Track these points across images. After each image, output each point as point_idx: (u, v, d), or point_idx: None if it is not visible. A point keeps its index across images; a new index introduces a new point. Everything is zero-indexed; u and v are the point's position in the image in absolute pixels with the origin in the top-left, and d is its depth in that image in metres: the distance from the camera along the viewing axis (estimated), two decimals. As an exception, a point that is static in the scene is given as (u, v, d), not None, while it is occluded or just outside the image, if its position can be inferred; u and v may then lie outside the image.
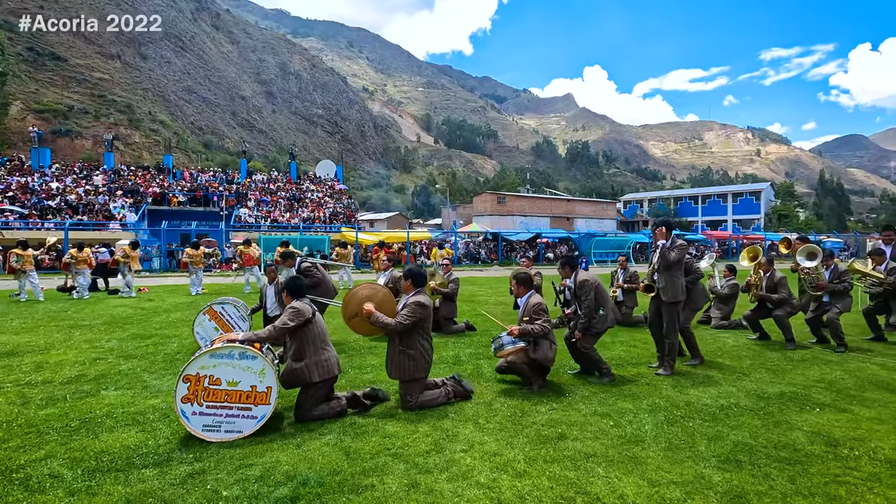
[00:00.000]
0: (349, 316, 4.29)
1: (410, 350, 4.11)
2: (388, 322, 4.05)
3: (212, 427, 3.49)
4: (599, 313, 4.88)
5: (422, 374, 4.15)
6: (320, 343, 3.95)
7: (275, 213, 32.55)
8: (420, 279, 4.34)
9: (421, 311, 4.12)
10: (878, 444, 3.36)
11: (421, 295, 4.23)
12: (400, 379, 4.15)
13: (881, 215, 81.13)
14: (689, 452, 3.25)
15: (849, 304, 6.47)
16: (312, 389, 3.85)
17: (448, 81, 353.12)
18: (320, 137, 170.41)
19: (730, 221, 64.90)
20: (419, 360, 4.12)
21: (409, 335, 4.13)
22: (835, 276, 6.51)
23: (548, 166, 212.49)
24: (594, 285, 4.89)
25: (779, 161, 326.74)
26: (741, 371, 5.32)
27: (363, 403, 4.09)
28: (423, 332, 4.19)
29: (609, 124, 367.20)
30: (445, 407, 4.16)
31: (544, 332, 4.49)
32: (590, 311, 4.85)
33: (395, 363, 4.16)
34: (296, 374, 3.85)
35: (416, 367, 4.11)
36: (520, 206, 48.86)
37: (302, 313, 3.86)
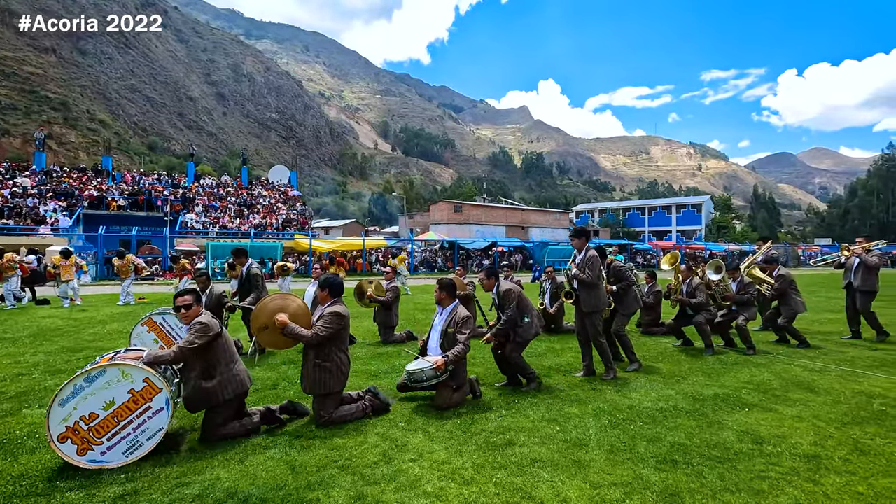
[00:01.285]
0: (259, 328, 4.04)
1: (326, 363, 3.93)
2: (304, 334, 3.84)
3: (133, 446, 3.26)
4: (524, 320, 4.89)
5: (338, 388, 3.98)
6: (230, 357, 3.73)
7: (224, 218, 31.37)
8: (337, 289, 4.17)
9: (338, 321, 3.94)
10: (798, 440, 3.62)
11: (338, 305, 4.06)
12: (315, 393, 3.95)
13: (807, 227, 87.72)
14: (630, 454, 3.38)
15: (753, 313, 7.01)
16: (223, 407, 3.62)
17: (406, 89, 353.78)
18: (274, 142, 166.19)
19: (674, 232, 68.33)
20: (335, 373, 3.95)
21: (325, 347, 3.93)
22: (740, 287, 7.02)
23: (504, 176, 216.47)
24: (517, 295, 4.90)
25: (717, 175, 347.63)
26: (680, 374, 5.59)
27: (278, 419, 3.90)
28: (340, 345, 4.03)
29: (562, 136, 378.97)
30: (394, 417, 4.13)
31: (465, 354, 4.38)
32: (511, 320, 4.84)
33: (309, 377, 3.96)
34: (207, 393, 3.58)
35: (332, 381, 3.93)
36: (476, 215, 49.43)
37: (210, 328, 3.60)
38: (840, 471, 3.12)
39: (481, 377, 5.28)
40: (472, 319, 4.51)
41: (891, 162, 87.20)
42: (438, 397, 4.39)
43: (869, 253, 7.63)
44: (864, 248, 7.73)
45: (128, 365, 3.31)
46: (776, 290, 7.27)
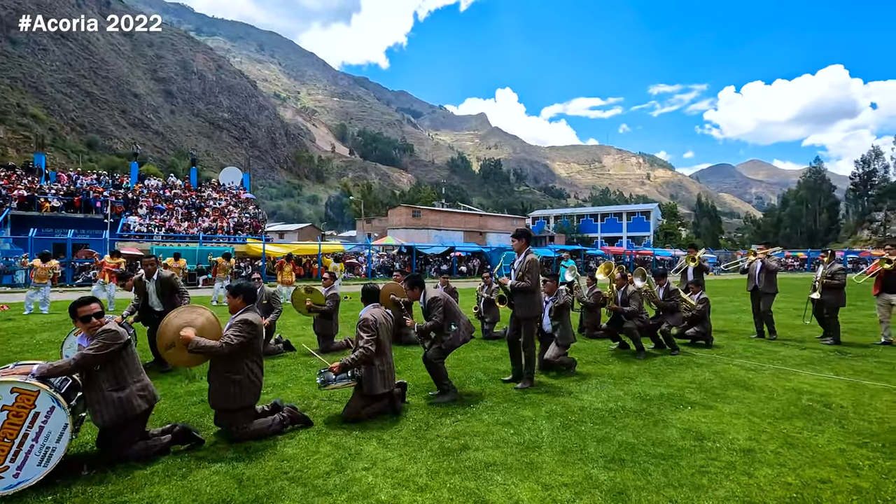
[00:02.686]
0: (165, 346, 3.72)
1: (236, 375, 3.69)
2: (213, 345, 3.59)
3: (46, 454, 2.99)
4: (451, 328, 4.77)
5: (250, 401, 3.76)
6: (140, 367, 3.52)
7: (170, 221, 29.91)
8: (251, 295, 3.95)
9: (250, 330, 3.72)
10: (735, 435, 3.83)
11: (250, 313, 3.85)
12: (224, 408, 3.70)
13: (745, 234, 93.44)
14: (581, 455, 3.46)
15: (679, 319, 7.45)
16: (135, 421, 3.38)
17: (364, 93, 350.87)
18: (226, 143, 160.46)
19: (624, 238, 71.09)
20: (247, 386, 3.72)
21: (234, 358, 3.69)
22: (666, 294, 7.39)
23: (462, 182, 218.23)
24: (444, 302, 4.79)
25: (665, 184, 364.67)
26: (629, 376, 5.79)
27: (197, 438, 3.60)
28: (252, 355, 3.79)
29: (519, 144, 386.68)
30: (350, 425, 4.05)
31: (364, 359, 4.16)
32: (436, 325, 4.74)
33: (218, 391, 3.70)
34: (121, 405, 3.29)
35: (242, 395, 3.70)
36: (434, 220, 49.55)
37: (119, 336, 3.34)
38: (772, 463, 3.32)
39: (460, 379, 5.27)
40: (371, 322, 4.25)
41: (817, 174, 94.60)
42: (347, 406, 4.25)
43: (769, 258, 8.31)
44: (765, 254, 8.36)
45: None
46: (697, 312, 7.67)
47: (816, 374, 5.84)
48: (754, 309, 8.52)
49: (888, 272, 7.61)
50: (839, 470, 3.21)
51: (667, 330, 7.20)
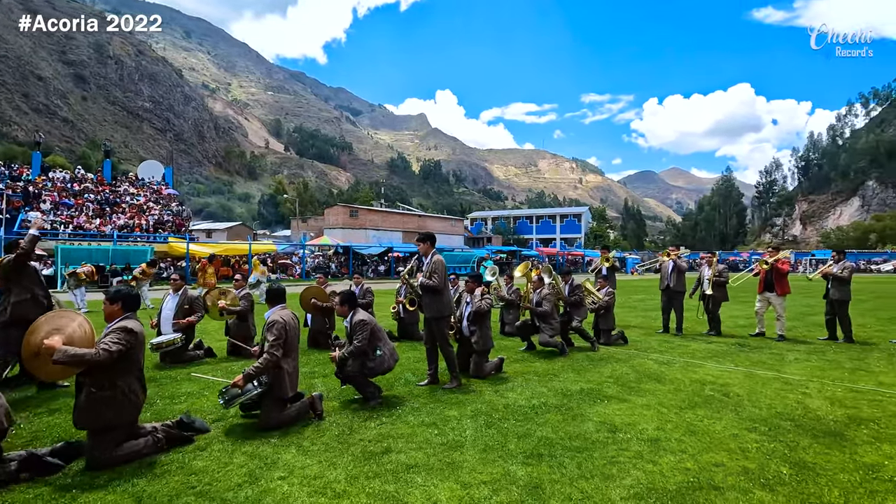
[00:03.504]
0: (30, 355, 3.33)
1: (105, 391, 3.28)
2: (84, 353, 3.12)
3: None
4: (377, 354, 4.63)
5: (123, 420, 3.35)
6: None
7: (80, 218, 27.35)
8: (131, 301, 3.59)
9: (129, 338, 3.33)
10: (645, 426, 4.07)
11: (130, 320, 3.46)
12: (90, 429, 3.29)
13: (667, 237, 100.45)
14: (501, 452, 3.54)
15: (584, 313, 7.75)
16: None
17: (301, 88, 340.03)
18: (147, 134, 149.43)
19: (558, 239, 74.03)
20: (121, 402, 3.32)
21: (109, 371, 3.28)
22: (571, 289, 7.76)
23: (402, 182, 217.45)
24: (370, 326, 4.60)
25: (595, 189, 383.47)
26: (553, 372, 6.00)
27: (45, 464, 3.14)
28: (130, 369, 3.42)
29: (459, 146, 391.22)
30: (269, 432, 3.88)
31: (271, 363, 3.95)
32: (360, 350, 4.53)
33: (85, 408, 3.26)
34: None
35: (114, 413, 3.30)
36: (373, 220, 48.94)
37: None
38: (675, 450, 3.56)
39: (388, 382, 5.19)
40: (277, 325, 4.06)
41: (728, 183, 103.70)
42: (261, 416, 4.04)
43: (680, 259, 9.04)
44: (677, 255, 9.10)
45: None
46: (603, 304, 8.07)
47: (719, 366, 6.35)
48: (664, 306, 9.18)
49: (766, 272, 8.57)
50: (731, 453, 3.50)
51: (579, 326, 7.47)
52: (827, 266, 8.47)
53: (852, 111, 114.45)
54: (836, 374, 5.96)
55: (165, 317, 6.58)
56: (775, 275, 8.47)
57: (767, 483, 3.04)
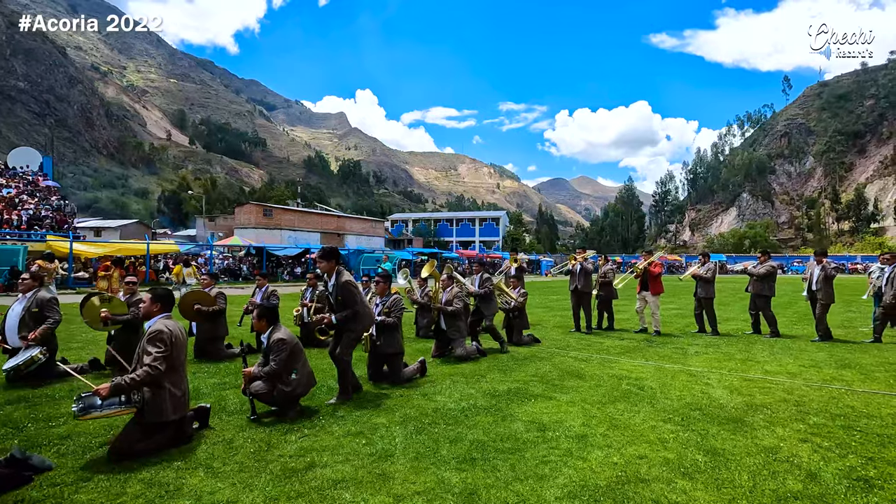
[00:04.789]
0: None
1: None
2: None
3: None
4: (292, 377, 4.25)
5: None
6: None
7: (-71, 211, 23.17)
8: None
9: None
10: (571, 423, 4.15)
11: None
12: None
13: (576, 241, 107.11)
14: (434, 459, 3.40)
15: (494, 308, 7.79)
16: None
17: (209, 78, 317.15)
18: (21, 118, 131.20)
19: (477, 242, 75.82)
20: None
21: None
22: (482, 282, 7.84)
23: (320, 181, 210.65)
24: (289, 346, 4.23)
25: (512, 194, 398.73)
26: (479, 373, 5.99)
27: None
28: None
29: (379, 147, 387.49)
30: (170, 454, 3.42)
31: (150, 378, 3.46)
32: (276, 372, 4.16)
33: None
34: None
35: None
36: (289, 220, 46.79)
37: None
38: (601, 445, 3.64)
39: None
40: (165, 334, 3.58)
41: (629, 192, 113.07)
42: (119, 437, 3.44)
43: (586, 261, 9.64)
44: (584, 258, 9.70)
45: None
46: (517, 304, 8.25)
47: (632, 361, 6.74)
48: (574, 305, 9.67)
49: (640, 275, 9.48)
50: (652, 445, 3.65)
51: (491, 325, 7.40)
52: (695, 268, 9.60)
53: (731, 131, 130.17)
54: (731, 364, 6.56)
55: (10, 327, 5.51)
56: (649, 276, 9.34)
57: (687, 472, 3.19)
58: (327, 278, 4.85)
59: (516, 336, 8.09)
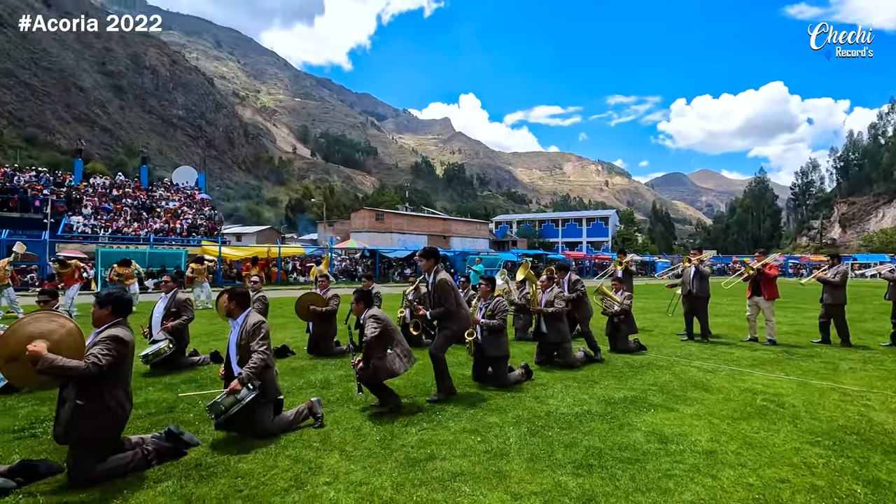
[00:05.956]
0: (5, 359, 3.00)
1: (92, 405, 3.06)
2: (74, 365, 2.91)
3: None
4: (387, 352, 4.52)
5: (109, 433, 3.18)
6: None
7: (118, 222, 28.35)
8: (122, 306, 3.37)
9: (120, 349, 3.14)
10: (698, 437, 3.88)
11: (120, 328, 3.26)
12: (73, 443, 3.07)
13: (697, 240, 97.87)
14: (549, 461, 3.42)
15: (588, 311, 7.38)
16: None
17: (327, 94, 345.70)
18: (180, 141, 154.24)
19: (584, 243, 72.93)
20: (104, 418, 3.10)
21: (96, 383, 3.08)
22: (570, 285, 7.36)
23: (426, 186, 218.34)
24: (384, 322, 4.52)
25: (622, 192, 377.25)
26: (592, 379, 5.83)
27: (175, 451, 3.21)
28: (117, 381, 3.20)
29: (482, 149, 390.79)
30: (310, 437, 3.86)
31: (265, 364, 3.85)
32: (367, 343, 4.42)
33: (67, 422, 3.03)
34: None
35: (97, 429, 3.09)
36: (398, 224, 49.22)
37: None
38: (733, 464, 3.37)
39: (404, 390, 5.14)
40: (265, 325, 4.01)
41: (761, 184, 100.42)
42: (256, 424, 3.84)
43: (702, 263, 8.72)
44: (699, 260, 8.78)
45: None
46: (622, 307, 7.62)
47: (768, 375, 6.06)
48: (686, 311, 8.87)
49: (754, 277, 8.35)
50: (796, 469, 3.29)
51: (587, 331, 7.08)
52: (821, 271, 8.50)
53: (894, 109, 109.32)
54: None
55: (155, 321, 6.40)
56: (763, 279, 8.31)
57: (841, 502, 2.84)
58: (427, 276, 5.08)
59: (621, 342, 7.69)
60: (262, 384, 3.84)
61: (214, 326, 10.00)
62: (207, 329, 9.73)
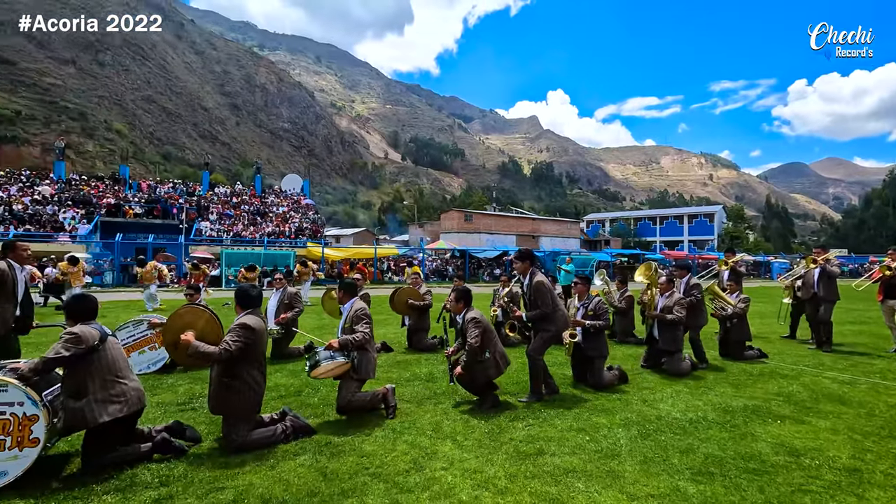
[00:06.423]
0: (171, 345, 3.82)
1: (234, 381, 3.58)
2: (211, 351, 3.49)
3: None
4: (485, 356, 4.53)
5: (248, 406, 3.64)
6: (109, 375, 3.22)
7: (237, 226, 31.68)
8: (247, 300, 3.85)
9: (248, 334, 3.57)
10: (836, 453, 3.54)
11: (249, 317, 3.71)
12: (222, 414, 3.64)
13: (822, 238, 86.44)
14: (664, 465, 3.32)
15: (704, 319, 6.79)
16: (99, 431, 3.17)
17: (416, 100, 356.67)
18: (286, 152, 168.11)
19: (686, 242, 67.74)
20: (245, 392, 3.60)
21: (233, 364, 3.58)
22: (687, 289, 6.70)
23: (513, 185, 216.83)
24: (483, 325, 4.54)
25: (729, 185, 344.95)
26: (705, 385, 5.50)
27: (175, 448, 3.45)
28: (252, 361, 3.66)
29: (571, 146, 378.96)
30: (422, 425, 4.10)
31: (365, 341, 4.26)
32: (471, 349, 4.47)
33: (215, 396, 3.62)
34: (74, 415, 3.11)
35: (240, 402, 3.59)
36: (487, 224, 49.46)
37: (81, 340, 3.13)
38: (884, 485, 3.04)
39: (504, 387, 5.25)
40: (366, 312, 4.39)
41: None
42: (340, 393, 4.26)
43: (829, 263, 7.74)
44: (825, 259, 7.76)
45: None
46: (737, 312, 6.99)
47: (924, 391, 5.30)
48: (810, 316, 7.99)
49: (890, 278, 7.20)
50: (966, 496, 2.89)
51: (695, 337, 6.56)
52: None
53: None
54: None
55: (269, 313, 7.09)
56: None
57: None
58: (522, 278, 5.08)
59: (734, 349, 7.09)
60: (358, 359, 4.24)
61: (323, 321, 10.84)
62: (317, 323, 10.58)
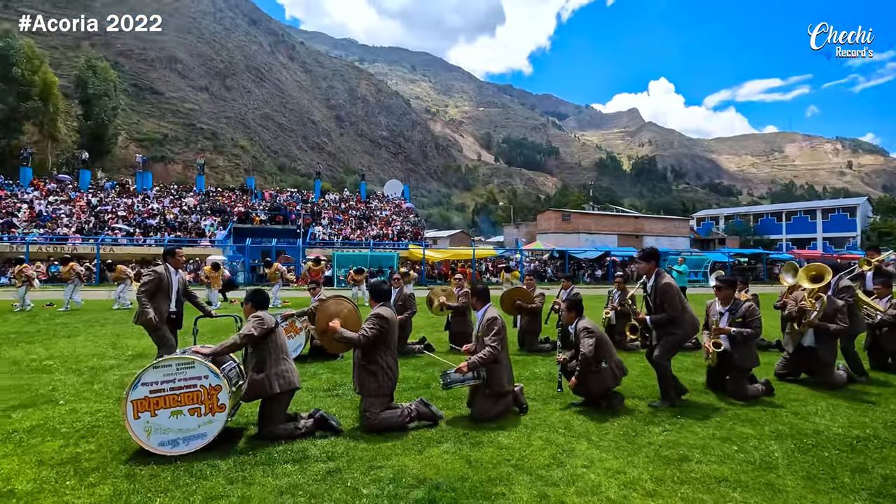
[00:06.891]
0: (321, 331, 4.30)
1: (371, 366, 4.05)
2: (351, 337, 4.01)
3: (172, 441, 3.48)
4: (601, 365, 4.50)
5: (383, 391, 4.05)
6: (281, 354, 3.93)
7: (346, 230, 33.98)
8: (379, 294, 4.34)
9: (381, 324, 4.05)
10: None
11: (383, 308, 4.18)
12: (361, 394, 4.11)
13: None
14: (833, 484, 3.05)
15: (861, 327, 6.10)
16: (274, 401, 3.81)
17: (508, 100, 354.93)
18: (384, 158, 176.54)
19: (819, 239, 59.62)
20: (380, 376, 4.04)
21: (370, 350, 4.06)
22: (837, 290, 5.82)
23: (612, 182, 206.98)
24: (596, 335, 4.52)
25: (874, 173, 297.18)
26: (867, 399, 4.90)
27: (331, 426, 3.89)
28: (385, 348, 4.11)
29: (677, 138, 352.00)
30: (553, 423, 4.16)
31: (493, 357, 4.22)
32: (585, 359, 4.47)
33: (358, 377, 4.15)
34: (257, 385, 3.79)
35: (376, 384, 4.03)
36: (585, 224, 47.80)
37: (265, 322, 3.86)
38: None
39: (630, 390, 5.12)
40: (499, 321, 4.37)
41: None
42: (475, 407, 4.31)
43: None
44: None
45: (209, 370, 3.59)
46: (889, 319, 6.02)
47: None
48: None
49: None
50: None
51: (849, 346, 5.79)
52: None
53: None
54: None
55: None
56: None
57: None
58: (646, 279, 4.88)
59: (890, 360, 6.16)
60: (487, 375, 4.27)
61: (432, 319, 11.26)
62: (427, 321, 11.02)
